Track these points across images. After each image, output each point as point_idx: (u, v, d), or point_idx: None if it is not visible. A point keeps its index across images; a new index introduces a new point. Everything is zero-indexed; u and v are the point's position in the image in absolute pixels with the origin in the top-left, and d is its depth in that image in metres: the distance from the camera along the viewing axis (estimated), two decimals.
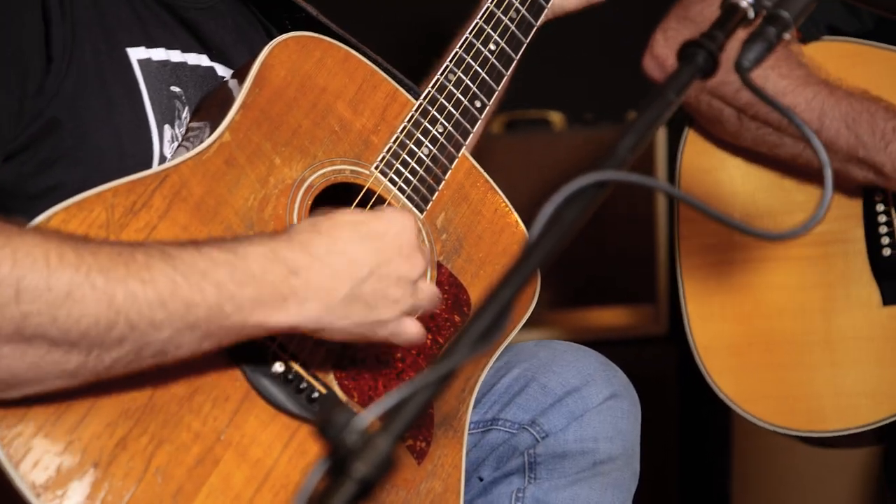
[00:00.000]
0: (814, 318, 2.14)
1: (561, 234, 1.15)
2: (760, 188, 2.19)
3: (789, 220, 2.17)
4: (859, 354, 2.12)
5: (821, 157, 1.19)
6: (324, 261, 1.46)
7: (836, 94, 2.05)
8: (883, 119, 2.02)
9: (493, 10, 1.83)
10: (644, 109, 1.21)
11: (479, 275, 1.75)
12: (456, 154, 1.76)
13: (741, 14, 1.23)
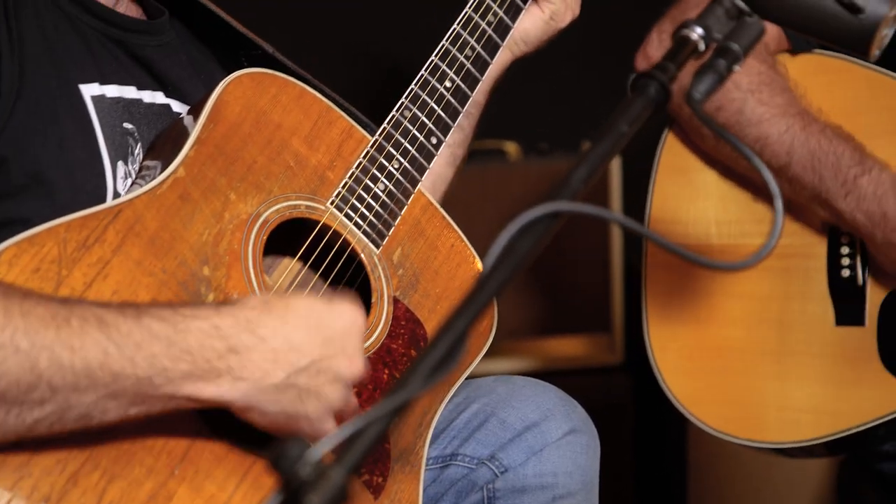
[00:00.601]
0: (768, 329, 2.16)
1: (515, 265, 1.15)
2: (732, 196, 2.19)
3: (757, 230, 2.17)
4: (807, 371, 2.13)
5: (771, 188, 1.20)
6: (267, 343, 1.44)
7: (809, 130, 2.06)
8: (847, 165, 2.03)
9: (448, 48, 1.84)
10: (597, 141, 1.22)
11: (435, 310, 1.75)
12: (412, 190, 1.76)
13: (692, 46, 1.25)
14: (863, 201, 2.02)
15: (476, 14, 1.87)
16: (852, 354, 2.11)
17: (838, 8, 1.28)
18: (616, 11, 2.88)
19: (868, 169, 2.02)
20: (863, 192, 2.01)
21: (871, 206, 2.01)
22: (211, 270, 1.58)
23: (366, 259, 1.71)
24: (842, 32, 1.29)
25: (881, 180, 2.02)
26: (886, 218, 2.01)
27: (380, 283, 1.72)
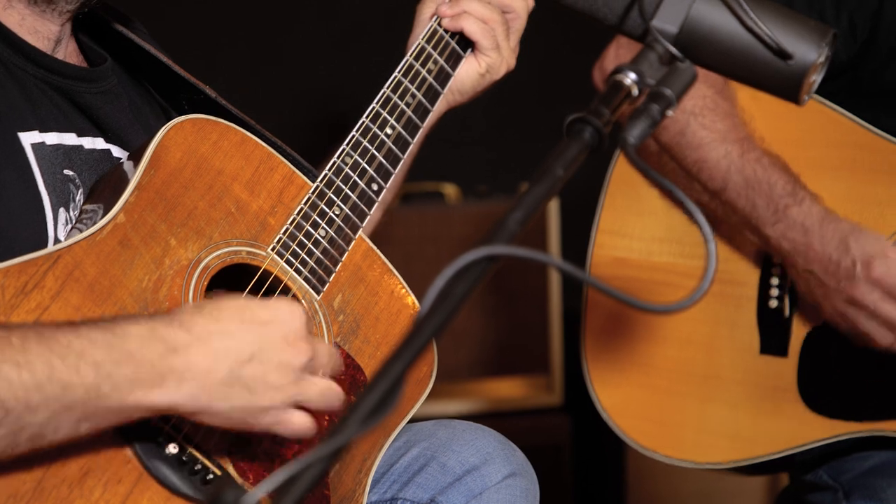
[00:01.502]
0: (696, 351, 2.18)
1: (451, 308, 1.16)
2: (678, 216, 2.21)
3: (698, 252, 2.19)
4: (729, 396, 2.15)
5: (704, 232, 1.21)
6: (204, 340, 1.44)
7: (746, 157, 2.09)
8: (779, 194, 2.06)
9: (389, 95, 1.85)
10: (534, 184, 1.23)
11: (376, 356, 1.75)
12: (353, 236, 1.77)
13: (626, 91, 1.26)
14: (790, 230, 2.05)
15: (417, 62, 1.89)
16: (773, 384, 2.14)
17: (768, 54, 1.30)
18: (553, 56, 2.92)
19: (800, 200, 2.06)
20: (791, 222, 2.05)
21: (796, 236, 2.05)
22: None
23: (306, 305, 1.71)
24: (772, 78, 1.31)
25: (811, 213, 2.05)
26: (809, 248, 2.04)
27: (320, 329, 1.72)
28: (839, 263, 2.02)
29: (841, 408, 2.09)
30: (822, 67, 1.32)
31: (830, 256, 2.03)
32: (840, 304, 2.03)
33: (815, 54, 1.30)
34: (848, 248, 2.02)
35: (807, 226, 2.04)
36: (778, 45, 1.29)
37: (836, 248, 2.02)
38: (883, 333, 2.03)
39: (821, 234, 2.04)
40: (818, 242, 2.03)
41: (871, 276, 2.01)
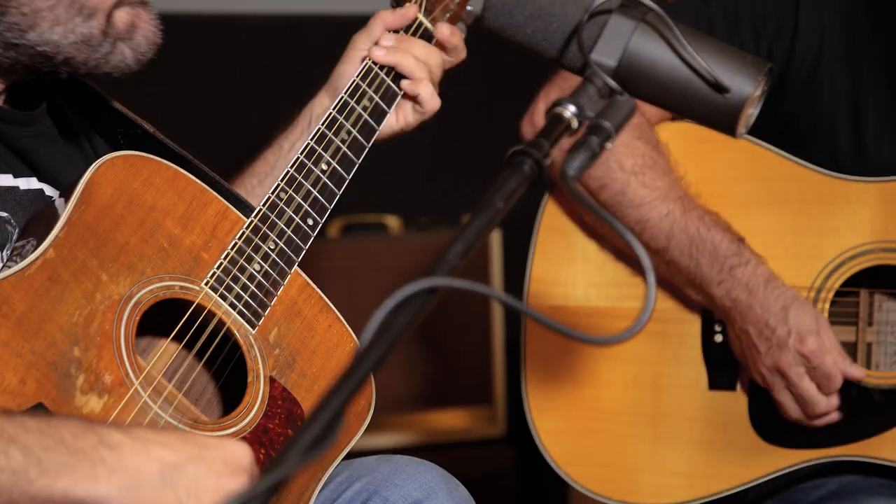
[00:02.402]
0: (644, 392, 2.18)
1: (392, 340, 1.15)
2: (610, 260, 2.22)
3: (635, 293, 2.20)
4: (681, 434, 2.15)
5: (643, 262, 1.21)
6: (140, 442, 1.39)
7: (689, 216, 2.10)
8: (724, 254, 2.08)
9: (324, 132, 1.85)
10: (474, 216, 1.23)
11: (312, 389, 1.74)
12: (288, 270, 1.76)
13: (565, 124, 1.27)
14: (734, 290, 2.06)
15: (352, 99, 1.89)
16: (724, 418, 2.14)
17: (705, 87, 1.31)
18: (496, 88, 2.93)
19: (745, 261, 2.07)
20: (736, 282, 2.06)
21: (741, 295, 2.06)
22: (82, 351, 1.55)
23: (241, 339, 1.70)
24: (709, 111, 1.32)
25: (756, 274, 2.07)
26: (751, 310, 2.06)
27: (256, 363, 1.70)
28: (775, 330, 2.04)
29: (796, 437, 2.10)
30: (758, 100, 1.33)
31: (768, 322, 2.05)
32: (765, 368, 2.05)
33: (752, 87, 1.31)
34: (787, 318, 2.04)
35: (751, 287, 2.06)
36: (715, 78, 1.30)
37: (775, 314, 2.04)
38: (794, 407, 2.06)
39: (764, 297, 2.06)
40: (760, 306, 2.05)
41: (801, 350, 2.03)
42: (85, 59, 1.68)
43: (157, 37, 1.73)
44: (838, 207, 2.12)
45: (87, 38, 1.67)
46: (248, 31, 3.85)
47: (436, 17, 2.00)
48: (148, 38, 1.71)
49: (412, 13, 1.96)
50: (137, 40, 1.70)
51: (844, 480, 2.08)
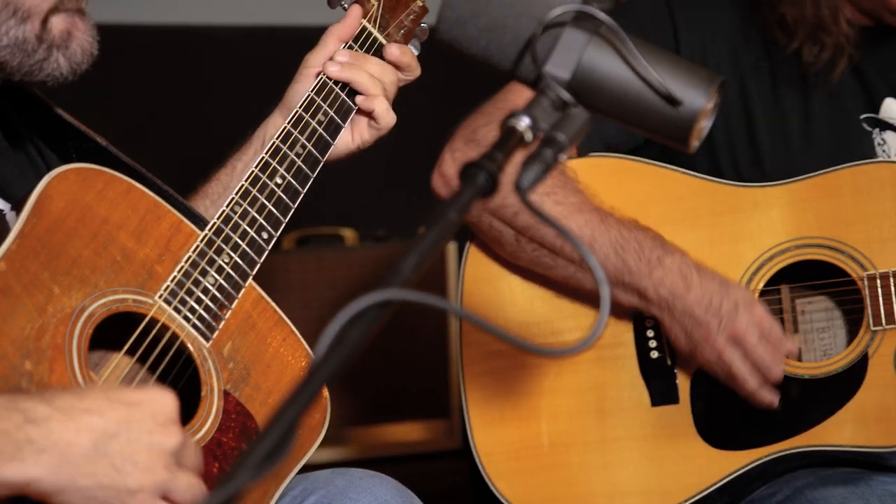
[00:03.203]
0: (589, 420, 2.19)
1: (346, 353, 1.15)
2: (538, 297, 2.24)
3: (564, 327, 2.22)
4: (631, 454, 2.17)
5: (597, 275, 1.22)
6: (66, 413, 1.37)
7: (607, 222, 2.13)
8: (650, 248, 2.10)
9: (279, 146, 1.85)
10: (428, 229, 1.23)
11: (267, 403, 1.73)
12: (243, 284, 1.75)
13: (519, 136, 1.27)
14: (667, 278, 2.08)
15: (307, 114, 1.89)
16: (671, 432, 2.16)
17: (658, 100, 1.32)
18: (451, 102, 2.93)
19: (671, 252, 2.10)
20: (668, 270, 2.09)
21: (676, 281, 2.08)
22: (33, 365, 1.54)
23: (195, 352, 1.69)
24: (662, 124, 1.33)
25: (685, 262, 2.09)
26: (690, 292, 2.08)
27: (209, 376, 1.69)
28: (721, 304, 2.06)
29: (743, 438, 2.12)
30: (711, 113, 1.33)
31: (711, 299, 2.07)
32: (721, 342, 2.07)
33: (704, 100, 1.32)
34: (728, 292, 2.07)
35: (684, 273, 2.08)
36: (667, 91, 1.31)
37: (716, 291, 2.07)
38: (751, 378, 2.07)
39: (699, 279, 2.08)
40: (697, 288, 2.07)
41: (753, 314, 2.05)
42: (19, 65, 1.66)
43: (94, 48, 1.71)
44: (749, 214, 2.17)
45: (22, 43, 1.65)
46: (208, 45, 3.84)
47: (390, 34, 2.01)
48: (84, 48, 1.69)
49: (357, 12, 1.97)
50: (73, 49, 1.69)
51: (798, 484, 2.10)
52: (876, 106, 2.24)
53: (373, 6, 2.00)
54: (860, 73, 2.24)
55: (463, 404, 2.24)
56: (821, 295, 2.21)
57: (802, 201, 2.15)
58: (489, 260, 2.25)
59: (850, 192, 2.13)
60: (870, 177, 2.13)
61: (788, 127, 2.23)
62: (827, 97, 2.24)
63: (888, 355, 2.08)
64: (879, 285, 2.09)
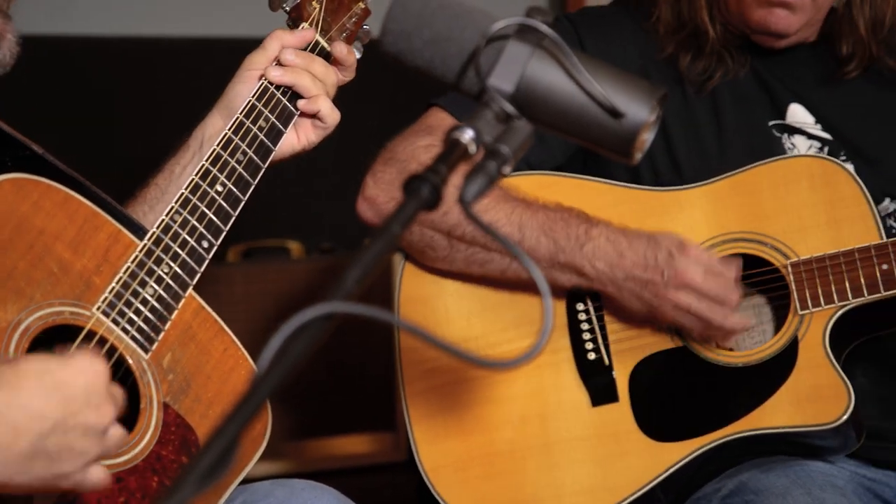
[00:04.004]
0: (531, 425, 2.21)
1: (289, 366, 1.14)
2: (474, 311, 2.26)
3: (502, 339, 2.24)
4: (575, 455, 2.19)
5: (540, 286, 1.22)
6: (3, 415, 1.37)
7: (533, 207, 2.16)
8: (576, 224, 2.13)
9: (219, 153, 1.84)
10: (372, 242, 1.22)
11: (207, 415, 1.71)
12: (182, 294, 1.74)
13: (463, 149, 1.26)
14: (598, 249, 2.12)
15: (248, 119, 1.88)
16: (613, 429, 2.19)
17: (601, 113, 1.32)
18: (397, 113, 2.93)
19: (596, 223, 2.14)
20: (596, 241, 2.12)
21: (608, 250, 2.11)
22: None
23: (134, 364, 1.67)
24: (605, 136, 1.33)
25: (610, 228, 2.13)
26: (623, 257, 2.11)
27: (149, 388, 1.68)
28: (656, 257, 2.10)
29: (682, 429, 2.16)
30: (653, 126, 1.34)
31: (646, 255, 2.10)
32: (672, 294, 2.09)
33: (647, 113, 1.32)
34: (658, 244, 2.11)
35: (612, 239, 2.12)
36: (610, 104, 1.32)
37: (647, 246, 2.10)
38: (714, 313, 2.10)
39: (628, 242, 2.12)
40: (629, 249, 2.11)
41: (689, 255, 2.09)
42: None
43: (16, 55, 1.70)
44: (673, 215, 2.22)
45: None
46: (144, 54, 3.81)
47: (332, 37, 2.00)
48: (12, 51, 1.68)
49: (310, 36, 1.96)
50: (3, 52, 1.67)
51: (742, 477, 2.13)
52: (782, 112, 2.31)
53: (314, 9, 1.99)
54: (763, 80, 2.31)
55: (406, 422, 2.25)
56: (748, 295, 2.25)
57: (723, 199, 2.21)
58: (423, 279, 2.27)
59: (768, 187, 2.20)
60: (785, 171, 2.20)
61: (702, 135, 2.29)
62: (736, 105, 2.30)
63: (817, 336, 2.14)
64: (803, 270, 2.15)
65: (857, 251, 2.14)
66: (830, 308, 2.14)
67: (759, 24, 2.23)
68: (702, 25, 2.27)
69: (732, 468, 2.17)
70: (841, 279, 2.13)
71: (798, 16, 2.22)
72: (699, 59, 2.29)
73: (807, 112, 2.30)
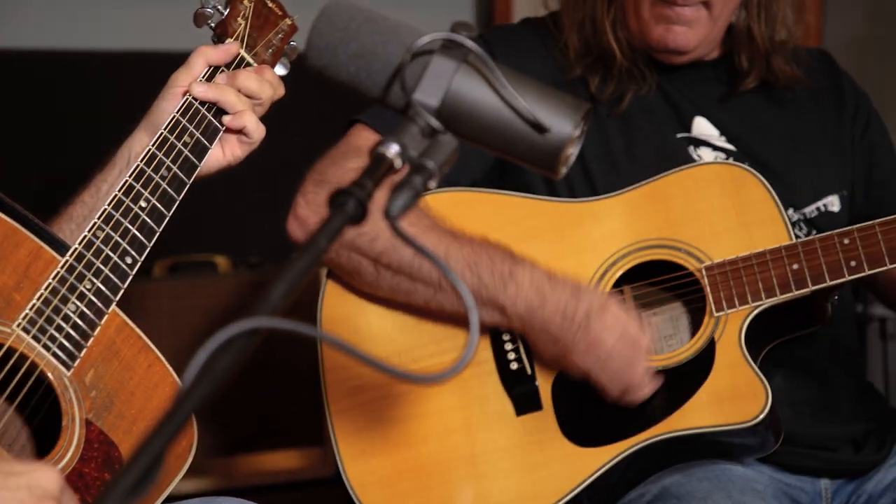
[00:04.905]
0: (457, 438, 2.22)
1: (214, 381, 1.13)
2: (396, 329, 2.26)
3: (425, 353, 2.24)
4: (502, 464, 2.20)
5: (467, 302, 1.22)
6: None
7: (460, 240, 2.16)
8: (501, 262, 2.14)
9: (143, 168, 1.82)
10: (297, 256, 1.22)
11: (131, 431, 1.70)
12: (105, 310, 1.72)
13: (388, 164, 1.26)
14: (521, 293, 2.12)
15: (172, 135, 1.87)
16: (538, 437, 2.20)
17: (526, 128, 1.33)
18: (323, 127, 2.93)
19: (521, 263, 2.14)
20: (521, 285, 2.12)
21: (530, 295, 2.12)
22: None
23: (55, 381, 1.65)
24: (530, 151, 1.34)
25: (536, 271, 2.14)
26: (545, 303, 2.11)
27: (71, 405, 1.65)
28: (576, 310, 2.11)
29: (605, 433, 2.18)
30: (578, 140, 1.35)
31: (565, 310, 2.11)
32: (580, 351, 2.11)
33: (571, 128, 1.33)
34: (580, 297, 2.12)
35: (537, 285, 2.12)
36: (535, 118, 1.32)
37: (569, 300, 2.11)
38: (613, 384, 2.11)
39: (552, 289, 2.12)
40: (552, 297, 2.12)
41: (606, 318, 2.10)
42: None
43: None
44: (589, 226, 2.25)
45: None
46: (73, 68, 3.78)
47: (258, 53, 2.00)
48: None
49: (234, 49, 1.95)
50: None
51: (665, 483, 2.16)
52: (688, 125, 2.36)
53: (240, 25, 1.99)
54: (669, 96, 2.37)
55: (332, 440, 2.25)
56: (665, 304, 2.28)
57: (637, 208, 2.24)
58: (345, 300, 2.27)
59: (680, 194, 2.24)
60: (695, 178, 2.25)
61: (613, 150, 2.32)
62: (645, 120, 2.35)
63: (733, 337, 2.17)
64: (717, 273, 2.19)
65: (769, 252, 2.18)
66: (745, 309, 2.18)
67: (659, 42, 2.29)
68: (608, 49, 2.33)
69: (655, 474, 2.19)
70: (754, 280, 2.17)
71: (696, 31, 2.29)
72: (608, 81, 2.34)
73: (711, 125, 2.36)
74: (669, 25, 2.27)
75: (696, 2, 2.26)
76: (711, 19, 2.29)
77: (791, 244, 2.18)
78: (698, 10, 2.27)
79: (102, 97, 3.73)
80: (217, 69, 1.95)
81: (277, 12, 2.05)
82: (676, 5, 2.26)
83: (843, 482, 2.30)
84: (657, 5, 2.27)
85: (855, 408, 2.33)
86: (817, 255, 2.16)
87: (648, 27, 2.29)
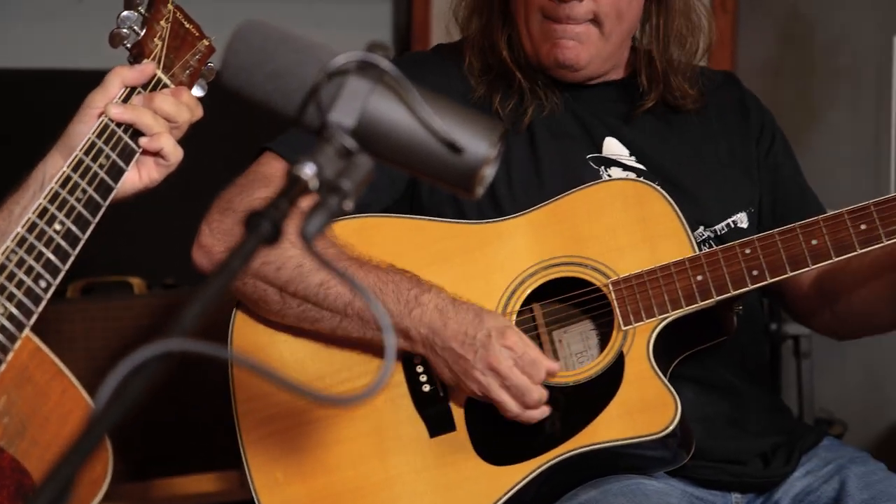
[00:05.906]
0: (371, 463, 2.22)
1: (127, 404, 1.12)
2: (308, 357, 2.26)
3: (337, 380, 2.24)
4: (417, 486, 2.20)
5: (382, 323, 1.22)
6: None
7: (365, 268, 2.18)
8: (406, 288, 2.16)
9: (57, 191, 1.80)
10: (211, 278, 1.21)
11: (45, 458, 1.67)
12: (18, 335, 1.69)
13: (303, 185, 1.26)
14: (425, 315, 2.15)
15: (87, 157, 1.85)
16: (452, 458, 2.21)
17: (441, 148, 1.33)
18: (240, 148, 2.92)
19: (427, 289, 2.17)
20: (425, 307, 2.15)
21: (434, 318, 2.15)
22: None
23: None
24: (446, 171, 1.34)
25: (441, 297, 2.17)
26: (447, 326, 2.14)
27: None
28: (475, 336, 2.14)
29: (519, 451, 2.19)
30: (494, 161, 1.35)
31: (467, 331, 2.14)
32: (479, 372, 2.13)
33: (486, 148, 1.34)
34: (482, 322, 2.15)
35: (441, 308, 2.15)
36: (450, 139, 1.33)
37: (471, 323, 2.14)
38: (512, 402, 2.14)
39: (455, 313, 2.15)
40: (454, 321, 2.15)
41: (505, 343, 2.13)
42: None
43: None
44: (496, 247, 2.27)
45: None
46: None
47: (175, 74, 1.98)
48: None
49: (150, 70, 1.94)
50: None
51: (581, 498, 2.18)
52: (598, 146, 2.39)
53: (156, 45, 1.97)
54: (579, 116, 2.40)
55: (246, 470, 2.24)
56: (575, 321, 2.30)
57: (543, 227, 2.27)
58: (255, 329, 2.27)
59: (584, 212, 2.27)
60: (599, 195, 2.28)
61: (521, 171, 2.35)
62: (554, 141, 2.38)
63: (641, 350, 2.20)
64: (623, 287, 2.22)
65: (673, 265, 2.21)
66: (652, 321, 2.20)
67: (549, 58, 2.33)
68: (506, 67, 2.36)
69: (571, 490, 2.21)
70: (659, 293, 2.20)
71: (586, 47, 2.32)
72: (509, 97, 2.37)
73: (621, 145, 2.39)
74: (558, 40, 2.31)
75: (584, 19, 2.30)
76: (603, 37, 2.33)
77: (694, 256, 2.21)
78: (588, 27, 2.31)
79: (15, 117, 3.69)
80: (134, 90, 1.93)
81: (195, 33, 2.04)
82: (561, 23, 2.30)
83: (753, 496, 2.33)
84: (545, 22, 2.31)
85: (764, 422, 2.37)
86: (720, 266, 2.19)
87: (539, 44, 2.33)
